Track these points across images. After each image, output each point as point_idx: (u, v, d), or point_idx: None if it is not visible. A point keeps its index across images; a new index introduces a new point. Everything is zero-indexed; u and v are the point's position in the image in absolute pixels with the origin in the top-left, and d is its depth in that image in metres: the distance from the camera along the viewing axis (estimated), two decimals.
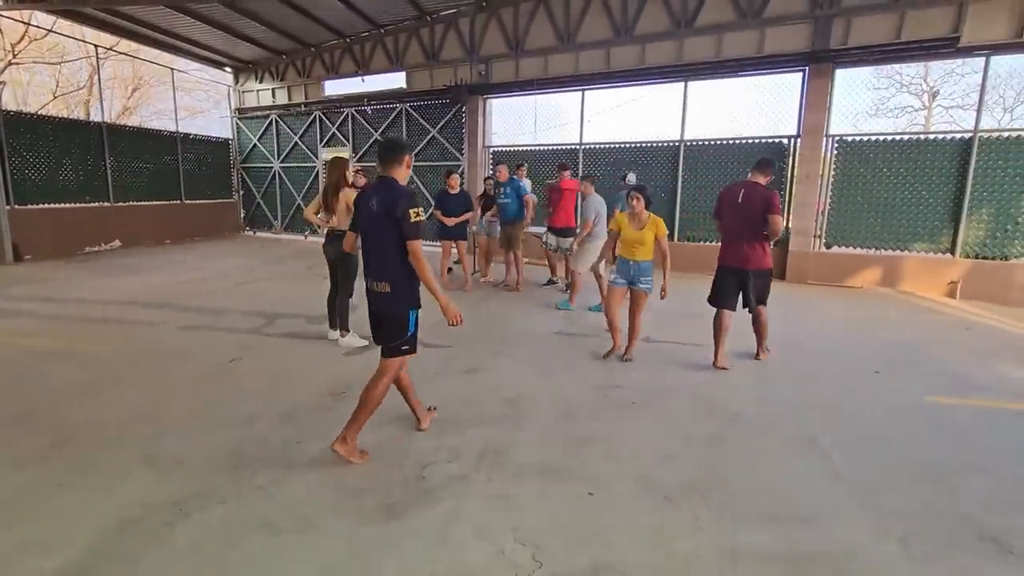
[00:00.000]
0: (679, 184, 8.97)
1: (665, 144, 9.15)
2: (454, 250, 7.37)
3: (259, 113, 13.53)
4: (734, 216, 4.28)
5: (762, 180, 4.28)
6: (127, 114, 18.18)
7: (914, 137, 7.76)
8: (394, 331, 2.73)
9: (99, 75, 11.53)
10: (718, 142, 8.77)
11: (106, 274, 8.13)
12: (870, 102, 18.79)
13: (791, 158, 8.22)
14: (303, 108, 12.78)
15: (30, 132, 9.57)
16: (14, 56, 14.45)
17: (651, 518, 2.35)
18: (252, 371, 4.12)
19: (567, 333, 5.31)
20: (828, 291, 7.67)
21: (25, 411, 3.34)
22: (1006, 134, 7.10)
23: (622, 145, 9.56)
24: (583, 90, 9.60)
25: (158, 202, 11.98)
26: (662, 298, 4.29)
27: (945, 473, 2.78)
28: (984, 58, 7.06)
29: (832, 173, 8.01)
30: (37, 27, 13.34)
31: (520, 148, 10.67)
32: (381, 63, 11.52)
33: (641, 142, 9.38)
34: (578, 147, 9.84)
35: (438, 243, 7.58)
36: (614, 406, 3.56)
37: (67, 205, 10.19)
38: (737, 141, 8.63)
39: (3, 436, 3.02)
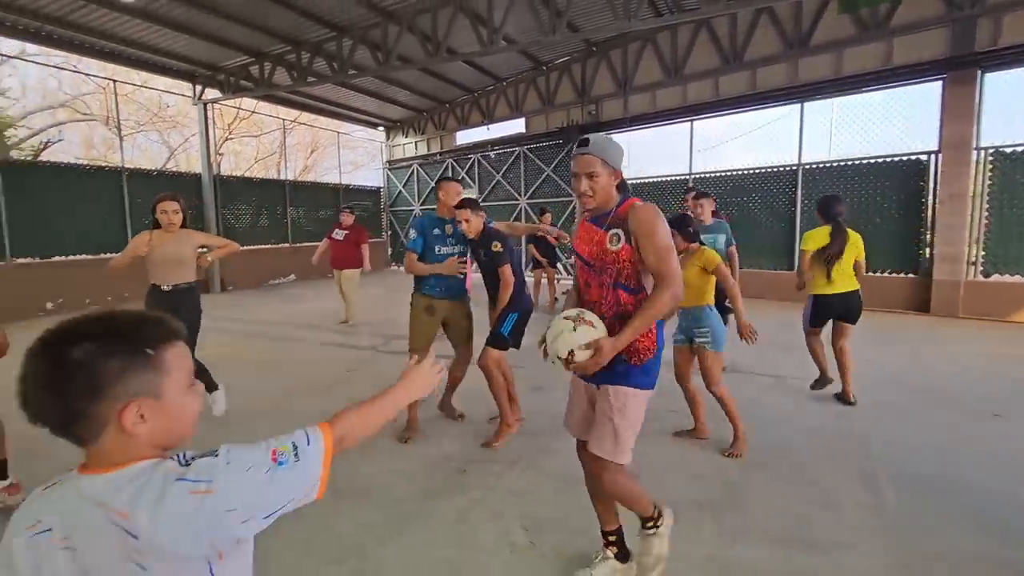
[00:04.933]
0: (798, 211, 8.45)
1: (781, 169, 8.72)
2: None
3: (404, 164, 15.57)
4: None
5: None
6: (306, 172, 22.09)
7: None
8: None
9: (285, 142, 14.40)
10: (841, 164, 8.14)
11: (280, 301, 10.05)
12: None
13: (931, 176, 7.33)
14: (438, 157, 14.46)
15: (238, 191, 12.31)
16: (229, 133, 18.71)
17: None
18: (362, 380, 4.98)
19: None
20: (983, 326, 6.60)
21: None
22: None
23: (735, 173, 9.30)
24: (691, 120, 9.61)
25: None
26: (741, 337, 3.23)
27: (1017, 528, 2.48)
28: None
29: (987, 190, 6.97)
30: (245, 110, 17.10)
31: (628, 181, 10.90)
32: (503, 111, 12.68)
33: (755, 168, 9.05)
34: (688, 177, 9.79)
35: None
36: (665, 429, 3.67)
37: (259, 247, 12.78)
38: (865, 162, 7.93)
39: None
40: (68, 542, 0.74)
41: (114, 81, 10.63)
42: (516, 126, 12.44)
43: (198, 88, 11.01)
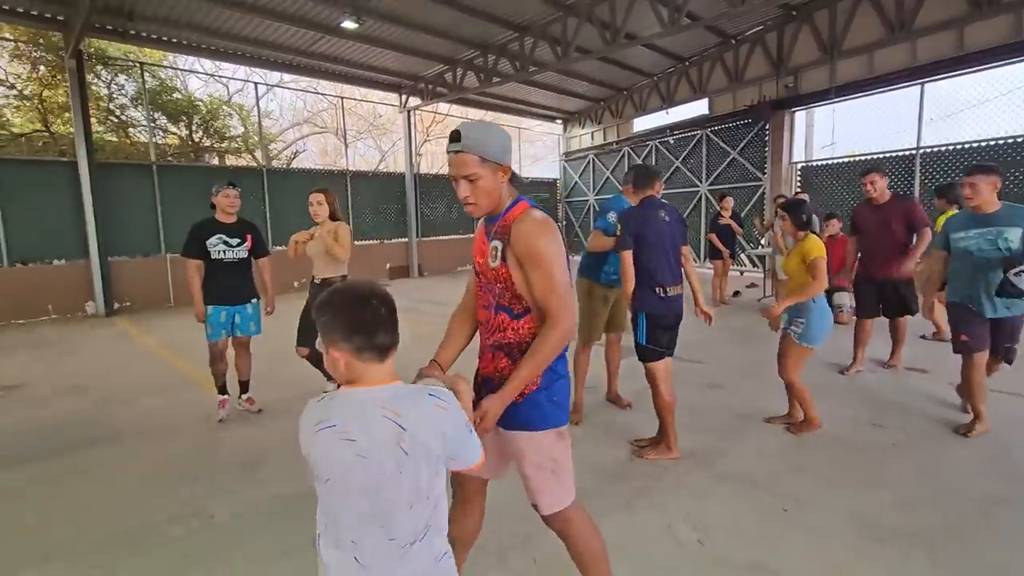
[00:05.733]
0: None
1: None
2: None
3: (580, 155, 15.76)
4: None
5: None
6: None
7: None
8: (676, 331, 3.09)
9: None
10: None
11: (461, 285, 11.03)
12: None
13: None
14: (615, 146, 14.32)
15: (432, 187, 13.83)
16: (427, 136, 20.97)
17: (843, 548, 2.25)
18: None
19: (827, 362, 4.74)
20: None
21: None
22: None
23: (981, 145, 7.49)
24: (922, 83, 7.99)
25: None
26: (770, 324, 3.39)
27: None
28: None
29: None
30: (440, 113, 19.01)
31: (833, 161, 9.51)
32: (684, 93, 12.02)
33: (1009, 138, 7.18)
34: (914, 152, 8.18)
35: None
36: (864, 444, 3.22)
37: (449, 237, 14.19)
38: None
39: None
40: (348, 435, 1.04)
41: (341, 98, 12.73)
42: (698, 108, 11.69)
43: (403, 97, 12.58)
